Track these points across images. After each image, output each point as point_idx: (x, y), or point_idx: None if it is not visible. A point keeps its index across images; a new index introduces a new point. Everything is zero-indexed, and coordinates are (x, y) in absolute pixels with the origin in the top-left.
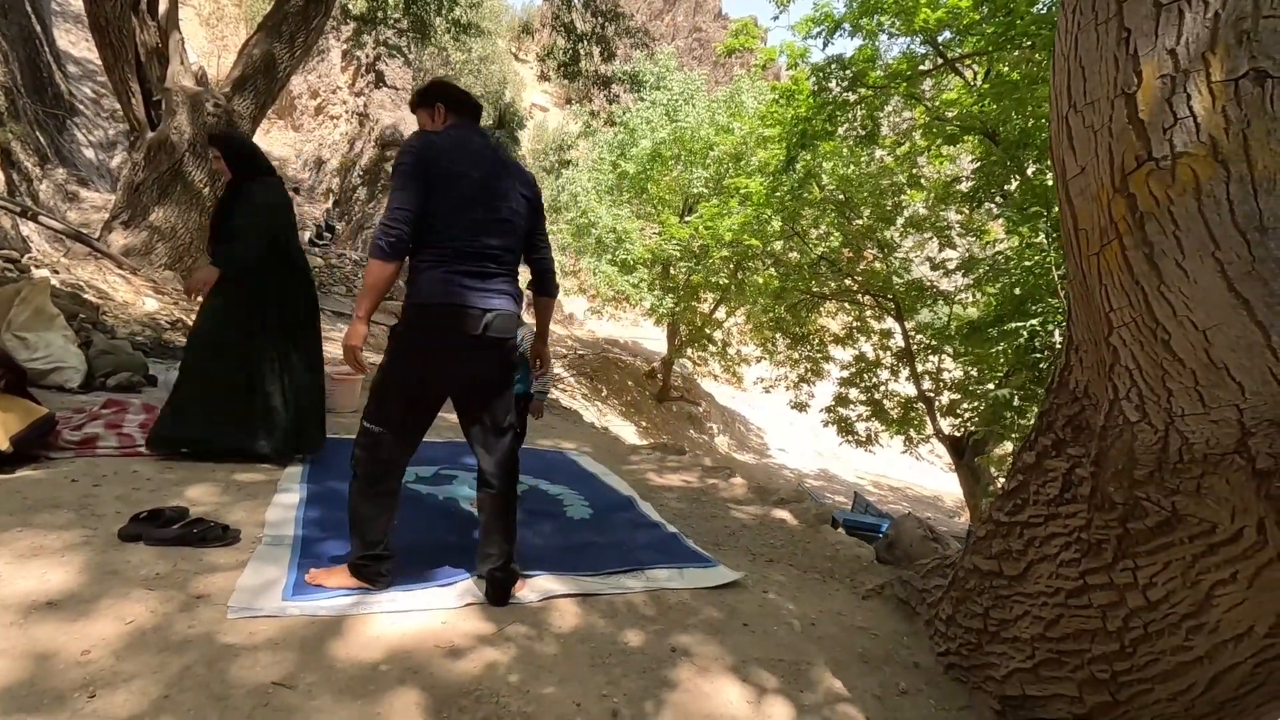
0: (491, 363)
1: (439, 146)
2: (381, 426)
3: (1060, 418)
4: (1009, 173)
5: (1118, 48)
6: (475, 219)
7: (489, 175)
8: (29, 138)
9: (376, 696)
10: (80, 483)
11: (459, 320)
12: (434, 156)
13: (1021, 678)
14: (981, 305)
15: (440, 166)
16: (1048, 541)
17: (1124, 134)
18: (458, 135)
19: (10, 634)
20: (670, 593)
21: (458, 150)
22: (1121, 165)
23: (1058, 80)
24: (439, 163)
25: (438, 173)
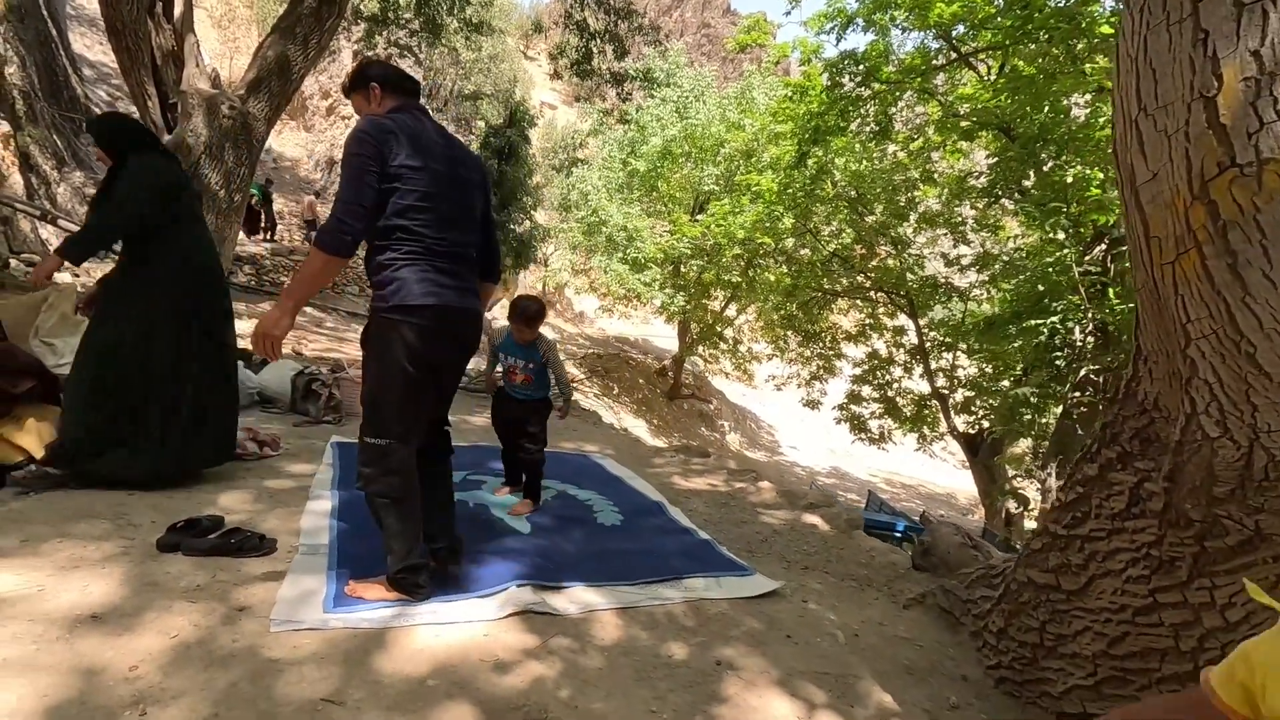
0: (466, 359)
1: (396, 136)
2: (387, 438)
3: (1127, 430)
4: (1025, 168)
5: (1194, 49)
6: (441, 215)
7: (451, 167)
8: (46, 141)
9: (425, 713)
10: (112, 493)
11: (450, 322)
12: (392, 147)
13: (1082, 695)
14: (997, 302)
15: (399, 159)
16: (1111, 556)
17: (1203, 139)
18: (411, 122)
19: (57, 649)
20: (709, 603)
21: (415, 140)
22: (1200, 171)
23: (1124, 82)
24: (398, 155)
25: (398, 165)
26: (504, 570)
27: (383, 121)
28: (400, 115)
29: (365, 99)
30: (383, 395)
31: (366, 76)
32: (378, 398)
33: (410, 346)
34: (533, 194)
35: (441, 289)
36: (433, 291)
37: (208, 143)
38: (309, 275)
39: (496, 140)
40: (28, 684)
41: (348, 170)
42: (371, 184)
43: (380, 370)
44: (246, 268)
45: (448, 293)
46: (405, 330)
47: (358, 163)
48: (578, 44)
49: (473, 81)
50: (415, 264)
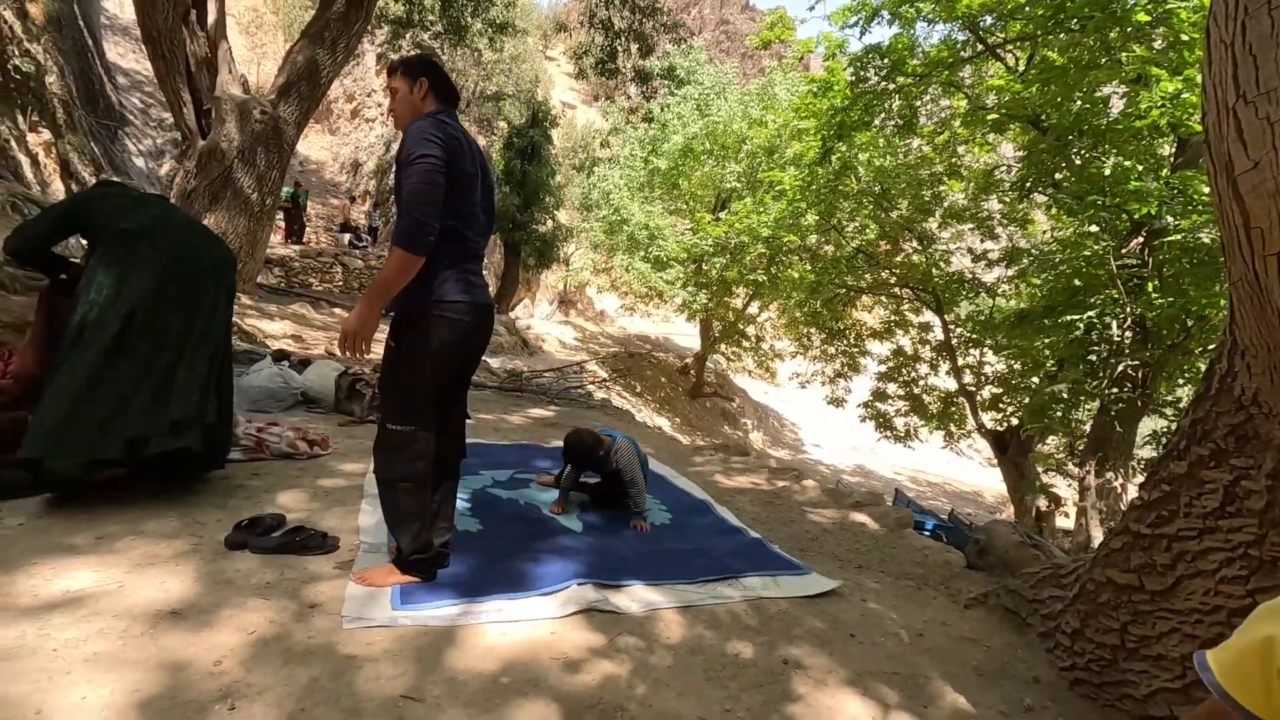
0: (484, 351)
1: (459, 141)
2: (414, 425)
3: (1221, 426)
4: (1058, 161)
5: None
6: (480, 221)
7: (485, 174)
8: (85, 148)
9: (503, 710)
10: (176, 490)
11: (484, 317)
12: (456, 154)
13: (1168, 698)
14: (1026, 297)
15: (459, 166)
16: (1203, 556)
17: None
18: (459, 130)
19: (143, 644)
20: (769, 602)
21: (466, 149)
22: None
23: (1217, 69)
24: (458, 163)
25: (456, 173)
26: (563, 569)
27: (445, 124)
28: (451, 122)
29: (410, 88)
30: (415, 385)
31: (422, 69)
32: (409, 387)
33: (449, 340)
34: (555, 194)
35: (474, 288)
36: (468, 290)
37: (240, 147)
38: (392, 275)
39: (519, 140)
40: (118, 679)
41: (419, 170)
42: (443, 184)
43: (417, 361)
44: (276, 270)
45: (479, 291)
46: (447, 324)
47: (430, 163)
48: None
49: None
50: (456, 266)
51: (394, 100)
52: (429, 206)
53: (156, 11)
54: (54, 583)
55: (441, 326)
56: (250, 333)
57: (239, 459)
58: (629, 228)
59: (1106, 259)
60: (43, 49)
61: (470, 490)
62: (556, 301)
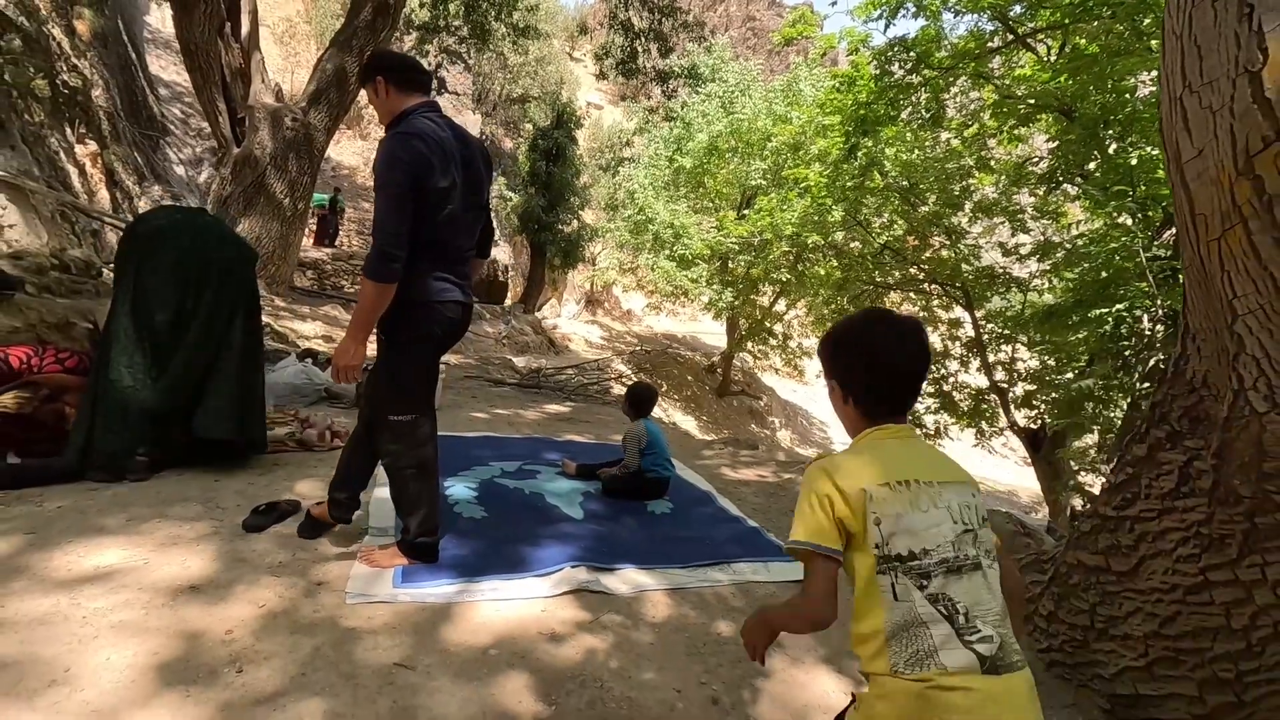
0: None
1: (426, 158)
2: (412, 413)
3: (1176, 409)
4: (1088, 151)
5: (1239, 24)
6: (460, 228)
7: (470, 174)
8: (129, 158)
9: (489, 679)
10: (201, 478)
11: (465, 314)
12: (425, 171)
13: (1134, 676)
14: (1059, 291)
15: (432, 181)
16: (1162, 536)
17: (1248, 114)
18: (435, 132)
19: (164, 614)
20: (758, 585)
21: (443, 155)
22: (1245, 147)
23: (1169, 60)
24: (428, 180)
25: (429, 187)
26: (559, 552)
27: (412, 141)
28: (421, 121)
29: (374, 92)
30: (408, 376)
31: (373, 70)
32: (404, 379)
33: (433, 334)
34: (580, 194)
35: (452, 287)
36: (447, 290)
37: (273, 154)
38: (368, 305)
39: (544, 142)
40: (140, 644)
41: (385, 196)
42: (409, 210)
43: (406, 355)
44: (309, 272)
45: (456, 290)
46: (431, 321)
47: (395, 191)
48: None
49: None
50: (434, 270)
51: (375, 108)
52: (393, 236)
53: (193, 25)
54: (86, 559)
55: (427, 322)
56: (283, 333)
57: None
58: (654, 227)
59: (1136, 251)
60: (89, 64)
61: (479, 480)
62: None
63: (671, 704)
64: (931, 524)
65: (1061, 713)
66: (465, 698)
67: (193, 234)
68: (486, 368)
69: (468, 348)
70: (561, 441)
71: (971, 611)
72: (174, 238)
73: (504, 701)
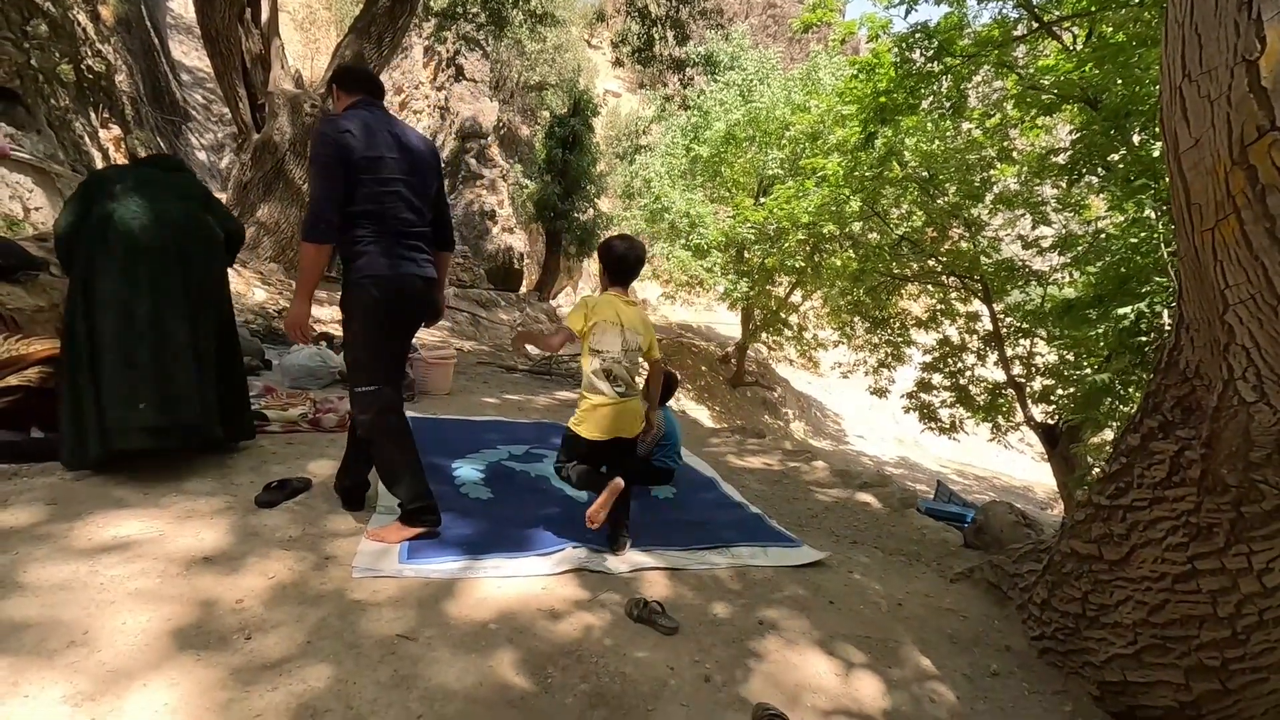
0: (419, 321)
1: (351, 134)
2: (375, 384)
3: (1168, 399)
4: (1112, 143)
5: (1238, 12)
6: (398, 199)
7: (407, 153)
8: (152, 143)
9: (488, 652)
10: (216, 455)
11: (407, 287)
12: (349, 144)
13: (1122, 663)
14: (1080, 285)
15: (355, 152)
16: (1152, 525)
17: (1244, 103)
18: (367, 117)
19: (179, 583)
20: (755, 569)
21: (368, 135)
22: (1240, 136)
23: (1170, 48)
24: (355, 149)
25: (358, 159)
26: (561, 533)
27: (338, 121)
28: (356, 111)
29: (334, 100)
30: (365, 349)
31: (332, 80)
32: (360, 351)
33: (374, 307)
34: (596, 182)
35: (400, 261)
36: (395, 264)
37: (292, 140)
38: (305, 265)
39: (561, 130)
40: (155, 610)
41: (315, 169)
42: (337, 178)
43: (357, 326)
44: None
45: (404, 264)
46: (371, 293)
47: (322, 161)
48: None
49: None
50: (379, 241)
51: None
52: (320, 200)
53: (215, 10)
54: (105, 530)
55: (366, 295)
56: None
57: (276, 430)
58: (670, 215)
59: (1157, 245)
60: (113, 49)
61: (486, 462)
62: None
63: (664, 681)
64: (612, 341)
65: (1051, 698)
66: (464, 669)
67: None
68: (499, 354)
69: (482, 335)
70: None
71: (615, 374)
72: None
73: (501, 674)
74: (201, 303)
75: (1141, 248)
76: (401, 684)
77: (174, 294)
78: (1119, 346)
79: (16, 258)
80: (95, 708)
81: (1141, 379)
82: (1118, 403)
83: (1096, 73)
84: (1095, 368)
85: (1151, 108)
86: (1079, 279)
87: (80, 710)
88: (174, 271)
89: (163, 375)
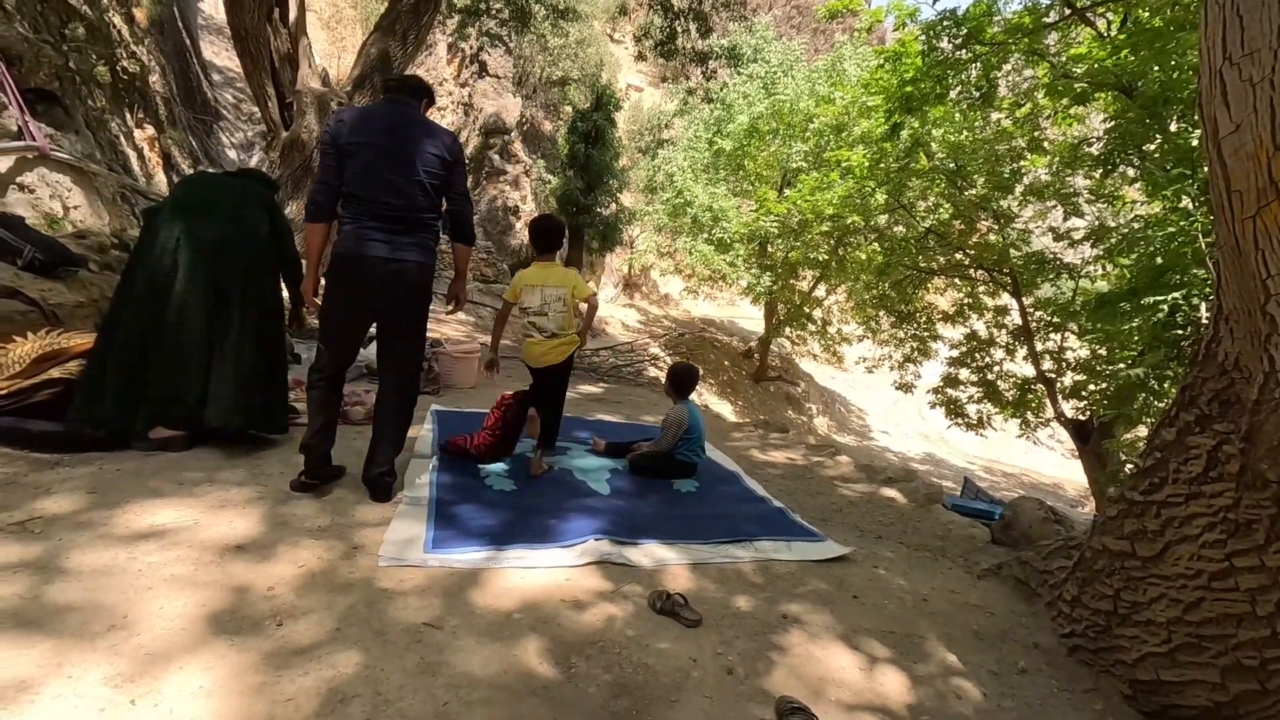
0: (395, 302)
1: (343, 122)
2: (320, 345)
3: (1206, 392)
4: (1148, 131)
5: None
6: (380, 181)
7: (396, 141)
8: (184, 142)
9: (512, 641)
10: (247, 446)
11: (364, 266)
12: (338, 131)
13: (1155, 662)
14: (1113, 278)
15: (344, 138)
16: (1188, 522)
17: None
18: (364, 110)
19: (213, 570)
20: (778, 564)
21: (361, 123)
22: None
23: (1210, 31)
24: (342, 135)
25: (342, 144)
26: (584, 525)
27: (340, 112)
28: (364, 107)
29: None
30: (323, 314)
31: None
32: (321, 316)
33: (331, 282)
34: (619, 177)
35: (369, 242)
36: (358, 244)
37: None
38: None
39: (584, 125)
40: (190, 596)
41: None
42: (330, 163)
43: (324, 298)
44: None
45: (374, 245)
46: (330, 270)
47: (321, 149)
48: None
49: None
50: (355, 222)
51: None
52: (315, 184)
53: (244, 11)
54: (142, 518)
55: (329, 272)
56: None
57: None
58: (693, 210)
59: (1196, 236)
60: (146, 51)
61: (510, 455)
62: (621, 285)
63: (687, 672)
64: (531, 299)
65: (1081, 696)
66: (488, 657)
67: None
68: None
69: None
70: (592, 420)
71: (539, 325)
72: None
73: (525, 662)
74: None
75: (1178, 238)
76: (428, 671)
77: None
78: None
79: (58, 255)
80: (135, 689)
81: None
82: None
83: (1132, 59)
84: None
85: (1190, 95)
86: (1112, 272)
87: (120, 691)
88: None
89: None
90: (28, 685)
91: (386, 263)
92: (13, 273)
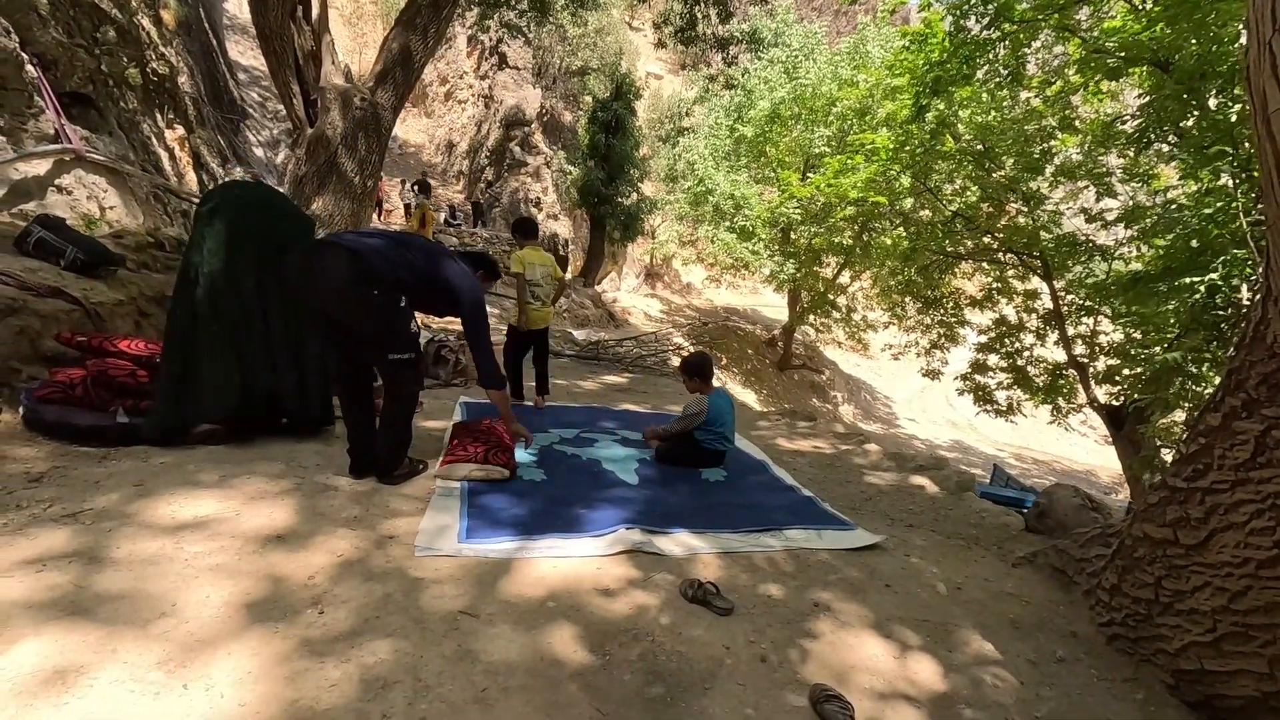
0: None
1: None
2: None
3: (1254, 376)
4: (1185, 107)
5: None
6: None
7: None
8: (213, 141)
9: (547, 628)
10: (284, 441)
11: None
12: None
13: (1199, 651)
14: (1147, 260)
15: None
16: (1235, 509)
17: None
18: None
19: (254, 560)
20: (809, 552)
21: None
22: None
23: (1259, 2)
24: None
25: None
26: (614, 515)
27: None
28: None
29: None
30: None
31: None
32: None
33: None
34: (639, 166)
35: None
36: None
37: (344, 134)
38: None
39: (604, 114)
40: (233, 585)
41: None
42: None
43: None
44: None
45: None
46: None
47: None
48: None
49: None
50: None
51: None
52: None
53: (268, 10)
54: (186, 509)
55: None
56: None
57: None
58: (714, 198)
59: (1236, 215)
60: (174, 52)
61: (538, 446)
62: (643, 274)
63: (720, 659)
64: (534, 273)
65: (1121, 686)
66: (523, 644)
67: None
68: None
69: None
70: (618, 410)
71: (536, 292)
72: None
73: (560, 649)
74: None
75: (1217, 218)
76: (465, 658)
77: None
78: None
79: (98, 254)
80: (186, 674)
81: (1216, 357)
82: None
83: (1168, 32)
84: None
85: (1230, 68)
86: (1146, 253)
87: (173, 676)
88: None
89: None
90: (85, 669)
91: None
92: (56, 273)
